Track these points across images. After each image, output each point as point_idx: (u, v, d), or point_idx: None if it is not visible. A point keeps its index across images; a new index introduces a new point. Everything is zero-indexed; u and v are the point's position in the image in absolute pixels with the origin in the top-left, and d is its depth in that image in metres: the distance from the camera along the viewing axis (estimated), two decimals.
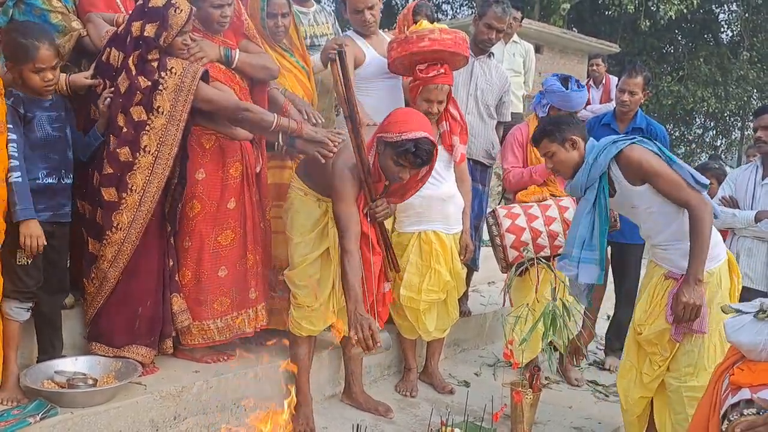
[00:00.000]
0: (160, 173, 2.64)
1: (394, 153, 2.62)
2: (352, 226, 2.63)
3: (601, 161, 2.64)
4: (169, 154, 2.64)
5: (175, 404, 2.66)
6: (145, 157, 2.61)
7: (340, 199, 2.65)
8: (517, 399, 2.98)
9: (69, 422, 2.34)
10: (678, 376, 2.67)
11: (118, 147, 2.62)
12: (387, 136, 2.65)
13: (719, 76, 14.07)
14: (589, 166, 2.66)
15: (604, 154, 2.63)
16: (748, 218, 3.43)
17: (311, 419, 2.94)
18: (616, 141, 2.67)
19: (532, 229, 3.31)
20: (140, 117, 2.61)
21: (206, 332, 2.91)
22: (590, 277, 2.72)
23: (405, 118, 2.69)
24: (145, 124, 2.60)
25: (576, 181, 2.72)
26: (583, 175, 2.69)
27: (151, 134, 2.61)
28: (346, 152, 2.71)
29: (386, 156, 2.66)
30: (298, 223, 2.90)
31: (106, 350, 2.73)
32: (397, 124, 2.65)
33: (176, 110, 2.61)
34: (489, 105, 3.89)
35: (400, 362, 3.68)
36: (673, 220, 2.63)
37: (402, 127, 2.63)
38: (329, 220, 2.86)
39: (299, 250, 2.91)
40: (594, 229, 2.69)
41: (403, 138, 2.60)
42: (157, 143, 2.62)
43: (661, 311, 2.65)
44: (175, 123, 2.62)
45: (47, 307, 2.64)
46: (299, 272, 2.91)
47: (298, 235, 2.91)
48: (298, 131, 2.79)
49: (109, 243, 2.64)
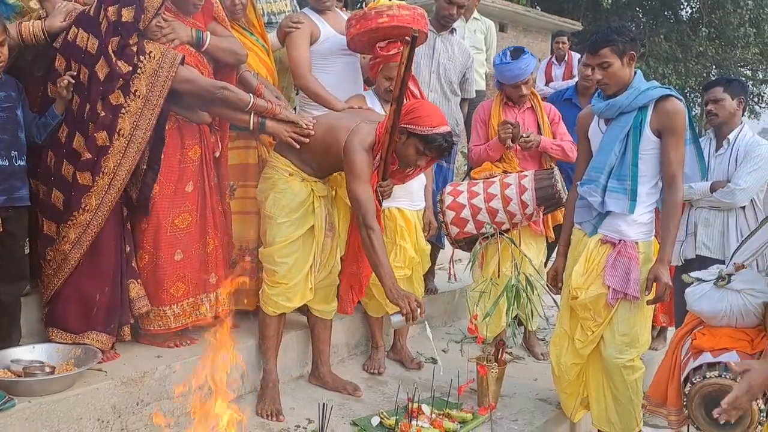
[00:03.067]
0: (132, 157, 2.60)
1: (423, 144, 2.79)
2: (372, 204, 2.78)
3: (651, 93, 2.63)
4: (143, 138, 2.60)
5: (138, 390, 2.62)
6: (119, 141, 2.57)
7: (358, 178, 2.76)
8: (482, 373, 3.02)
9: (27, 411, 2.29)
10: (614, 345, 2.73)
11: (96, 132, 2.57)
12: (416, 128, 2.78)
13: (679, 53, 14.31)
14: (638, 92, 2.64)
15: (656, 90, 2.63)
16: (704, 189, 3.50)
17: (278, 400, 2.93)
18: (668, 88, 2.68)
19: (472, 205, 3.34)
20: (118, 101, 2.56)
21: (162, 318, 2.86)
22: (619, 206, 2.68)
23: (431, 113, 2.84)
24: (121, 107, 2.56)
25: (617, 102, 2.67)
26: (627, 98, 2.65)
27: (126, 117, 2.56)
28: (362, 132, 2.79)
29: (409, 145, 2.82)
30: (282, 203, 2.89)
31: (65, 337, 2.66)
32: (428, 118, 2.80)
33: (153, 95, 2.58)
34: (452, 82, 3.88)
35: (368, 341, 3.68)
36: (645, 188, 2.68)
37: (432, 122, 2.79)
38: (315, 200, 2.93)
39: (283, 230, 2.90)
40: (625, 158, 2.66)
41: (435, 132, 2.77)
42: (131, 127, 2.57)
43: (597, 276, 2.71)
44: (150, 107, 2.58)
45: (7, 297, 2.57)
46: (280, 250, 2.90)
47: (283, 216, 2.89)
48: (272, 111, 2.85)
49: (75, 224, 2.59)
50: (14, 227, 2.49)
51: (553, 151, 3.61)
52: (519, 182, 3.34)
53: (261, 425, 2.81)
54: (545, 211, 3.43)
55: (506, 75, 3.53)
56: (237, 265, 3.17)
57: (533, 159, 3.65)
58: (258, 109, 2.84)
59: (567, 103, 3.93)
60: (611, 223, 2.74)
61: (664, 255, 2.63)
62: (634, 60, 2.69)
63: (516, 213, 3.33)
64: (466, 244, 3.47)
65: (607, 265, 2.69)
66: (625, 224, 2.71)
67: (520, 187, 3.32)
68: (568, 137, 3.70)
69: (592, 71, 2.75)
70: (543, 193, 3.33)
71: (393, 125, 2.75)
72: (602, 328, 2.74)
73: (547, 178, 3.36)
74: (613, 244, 2.71)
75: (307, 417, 2.89)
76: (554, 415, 3.17)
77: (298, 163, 2.91)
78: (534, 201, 3.32)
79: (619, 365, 2.72)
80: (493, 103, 3.68)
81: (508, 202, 3.31)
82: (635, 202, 2.68)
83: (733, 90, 3.56)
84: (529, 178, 3.36)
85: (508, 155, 3.54)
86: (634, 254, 2.70)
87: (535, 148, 3.56)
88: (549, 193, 3.33)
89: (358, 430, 2.80)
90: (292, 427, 2.81)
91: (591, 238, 2.79)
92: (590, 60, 2.74)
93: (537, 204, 3.33)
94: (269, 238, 2.94)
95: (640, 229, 2.73)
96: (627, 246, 2.70)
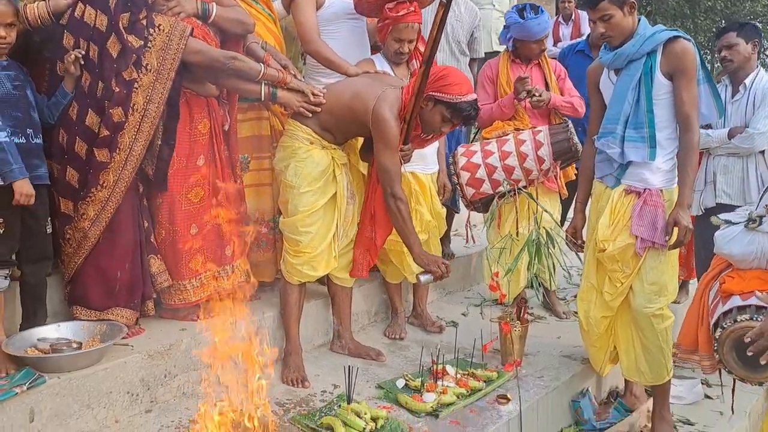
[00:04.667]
0: (146, 131, 2.59)
1: (450, 112, 2.76)
2: (399, 174, 2.80)
3: (658, 37, 2.60)
4: (156, 112, 2.59)
5: (165, 362, 2.64)
6: (133, 116, 2.57)
7: (388, 147, 2.76)
8: (506, 330, 3.01)
9: (57, 387, 2.31)
10: (643, 295, 2.71)
11: (111, 108, 2.56)
12: (444, 96, 2.74)
13: (687, 8, 14.04)
14: (644, 39, 2.61)
15: (662, 33, 2.61)
16: (722, 136, 3.45)
17: (302, 367, 2.94)
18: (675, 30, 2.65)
19: (487, 165, 3.31)
20: (131, 76, 2.55)
21: (183, 292, 2.87)
22: (639, 155, 2.65)
23: (461, 81, 2.79)
24: (135, 82, 2.55)
25: (624, 50, 2.65)
26: (634, 46, 2.63)
27: (139, 92, 2.56)
28: (389, 99, 2.77)
29: (435, 111, 2.78)
30: (305, 172, 2.87)
31: (89, 314, 2.68)
32: (458, 86, 2.76)
33: (164, 68, 2.57)
34: (460, 41, 3.83)
35: (387, 308, 3.68)
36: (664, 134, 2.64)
37: (461, 90, 2.75)
38: (335, 167, 2.92)
39: (306, 199, 2.89)
40: (640, 105, 2.64)
41: (464, 101, 2.74)
42: (144, 101, 2.56)
43: (624, 226, 2.68)
44: (162, 81, 2.57)
45: (32, 277, 2.59)
46: (303, 219, 2.90)
47: (306, 185, 2.88)
48: (283, 81, 2.83)
49: (93, 201, 2.59)
50: (36, 206, 2.48)
51: (563, 108, 3.58)
52: (534, 138, 3.30)
53: (287, 391, 2.82)
54: (562, 165, 3.39)
55: (531, 31, 3.50)
56: (253, 237, 3.17)
57: (543, 116, 3.62)
58: (269, 79, 2.82)
59: (580, 54, 3.87)
60: (634, 173, 2.71)
61: (683, 198, 2.59)
62: (635, 8, 2.66)
63: (532, 169, 3.30)
64: (482, 205, 3.44)
65: (633, 214, 2.66)
66: (649, 172, 2.67)
67: (536, 142, 3.28)
68: (575, 92, 3.68)
69: (594, 25, 2.71)
70: (559, 147, 3.30)
71: (420, 89, 2.71)
72: (631, 279, 2.72)
73: (563, 131, 3.32)
74: (638, 194, 2.68)
75: (332, 383, 2.90)
76: (580, 370, 3.16)
77: (319, 131, 2.89)
78: (550, 156, 3.29)
79: (649, 314, 2.70)
80: (500, 60, 3.63)
81: (524, 159, 3.27)
82: (655, 148, 2.64)
83: (747, 34, 3.48)
84: (544, 133, 3.32)
85: (519, 112, 3.49)
86: (660, 202, 2.67)
87: (545, 106, 3.51)
88: (565, 147, 3.30)
89: (384, 392, 2.81)
90: (318, 392, 2.82)
91: (614, 189, 2.76)
92: (591, 15, 2.72)
93: (554, 158, 3.29)
94: (291, 207, 2.92)
95: (663, 177, 2.70)
96: (652, 194, 2.67)
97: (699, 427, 3.04)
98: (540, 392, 2.90)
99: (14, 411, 2.19)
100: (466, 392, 2.78)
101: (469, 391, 2.79)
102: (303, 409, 2.65)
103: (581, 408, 3.03)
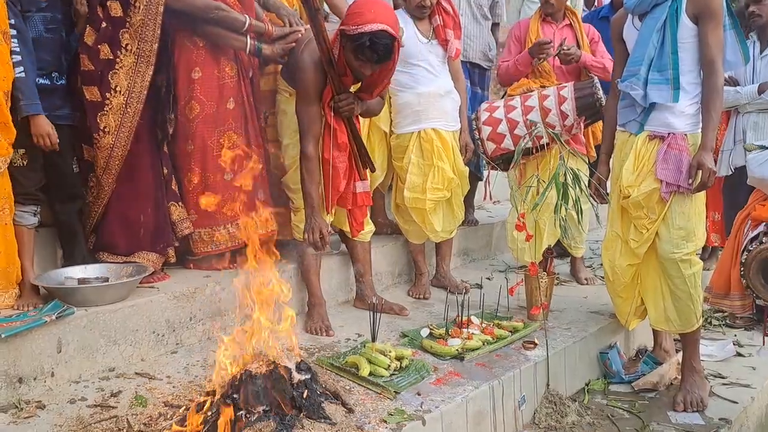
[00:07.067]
0: (143, 72, 2.61)
1: (352, 47, 2.45)
2: (314, 128, 2.60)
3: None
4: (150, 51, 2.60)
5: (190, 305, 2.65)
6: (127, 57, 2.59)
7: (301, 96, 2.61)
8: (533, 272, 2.97)
9: (84, 319, 2.33)
10: (670, 240, 2.65)
11: (98, 43, 2.59)
12: (346, 28, 2.44)
13: None
14: None
15: None
16: (751, 92, 3.39)
17: (326, 317, 2.93)
18: None
19: (509, 120, 3.28)
20: (117, 13, 2.58)
21: (217, 239, 2.88)
22: (662, 97, 2.60)
23: (362, 9, 2.44)
24: (124, 21, 2.57)
25: None
26: None
27: (131, 31, 2.58)
28: (312, 45, 2.57)
29: (347, 50, 2.49)
30: (285, 124, 2.86)
31: (115, 258, 2.71)
32: (355, 15, 2.43)
33: (151, 7, 2.57)
34: (482, 5, 3.82)
35: (411, 270, 3.66)
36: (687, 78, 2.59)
37: (358, 19, 2.41)
38: None
39: (289, 152, 2.88)
40: (664, 48, 2.59)
41: (359, 31, 2.39)
42: (138, 41, 2.58)
43: (649, 171, 2.63)
44: (151, 17, 2.58)
45: (63, 215, 2.64)
46: (292, 175, 2.88)
47: (287, 137, 2.87)
48: (268, 33, 2.78)
49: (100, 148, 2.62)
50: (59, 144, 2.52)
51: (593, 68, 3.51)
52: (558, 93, 3.26)
53: (311, 339, 2.81)
54: (586, 122, 3.35)
55: None
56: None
57: (572, 75, 3.56)
58: (256, 30, 2.77)
59: (604, 21, 3.83)
60: (658, 117, 2.66)
61: (707, 141, 2.54)
62: None
63: (555, 125, 3.26)
64: (503, 162, 3.41)
65: (657, 159, 2.62)
66: (673, 116, 2.63)
67: (560, 97, 3.25)
68: (608, 56, 3.61)
69: None
70: (583, 102, 3.25)
71: (316, 32, 2.42)
72: (657, 225, 2.67)
73: (588, 86, 3.28)
74: (662, 138, 2.63)
75: (356, 332, 2.88)
76: (608, 324, 3.11)
77: (293, 83, 2.82)
78: (574, 111, 3.25)
79: (677, 259, 2.64)
80: (531, 20, 3.61)
81: (547, 114, 3.24)
82: (678, 90, 2.59)
83: None
84: (569, 88, 3.28)
85: (545, 69, 3.46)
86: (684, 146, 2.62)
87: (575, 62, 3.47)
88: (590, 102, 3.25)
89: (408, 340, 2.78)
90: (342, 339, 2.80)
91: (638, 136, 2.72)
92: None
93: (577, 114, 3.25)
94: (285, 164, 2.92)
95: (688, 121, 2.64)
96: (677, 138, 2.62)
97: (731, 379, 2.96)
98: (567, 341, 2.86)
99: (43, 341, 2.22)
100: (492, 339, 2.75)
101: (495, 339, 2.76)
102: (327, 353, 2.63)
103: (609, 360, 2.97)
